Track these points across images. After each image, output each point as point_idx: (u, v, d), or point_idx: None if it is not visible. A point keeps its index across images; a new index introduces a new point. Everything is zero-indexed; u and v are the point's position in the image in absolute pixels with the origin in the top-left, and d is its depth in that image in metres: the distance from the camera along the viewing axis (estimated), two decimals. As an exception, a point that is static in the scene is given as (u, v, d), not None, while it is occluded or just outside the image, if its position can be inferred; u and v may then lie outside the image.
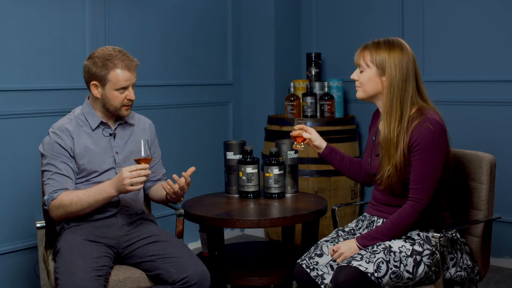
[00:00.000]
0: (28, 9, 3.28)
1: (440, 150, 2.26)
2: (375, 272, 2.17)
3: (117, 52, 2.53)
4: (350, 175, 2.64)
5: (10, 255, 3.25)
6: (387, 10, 4.25)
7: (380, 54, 2.31)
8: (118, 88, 2.51)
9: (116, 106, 2.54)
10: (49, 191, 2.47)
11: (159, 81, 4.00)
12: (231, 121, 4.55)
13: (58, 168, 2.49)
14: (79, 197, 2.43)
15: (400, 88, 2.29)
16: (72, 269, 2.29)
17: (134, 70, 2.55)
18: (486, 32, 3.83)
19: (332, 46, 4.53)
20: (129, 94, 2.54)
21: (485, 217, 2.44)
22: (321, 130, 3.97)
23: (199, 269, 2.39)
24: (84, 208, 2.44)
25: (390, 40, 2.35)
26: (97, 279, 2.29)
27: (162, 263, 2.41)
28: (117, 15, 3.72)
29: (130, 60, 2.53)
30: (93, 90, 2.54)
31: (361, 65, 2.37)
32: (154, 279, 2.45)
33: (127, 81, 2.52)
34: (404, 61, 2.30)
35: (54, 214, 2.48)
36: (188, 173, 2.55)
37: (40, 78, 3.37)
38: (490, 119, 3.82)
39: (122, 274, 2.43)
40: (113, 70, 2.49)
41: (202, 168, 4.30)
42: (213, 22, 4.36)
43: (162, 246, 2.48)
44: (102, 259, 2.39)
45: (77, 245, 2.41)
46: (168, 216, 3.93)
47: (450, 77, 3.97)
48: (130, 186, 2.35)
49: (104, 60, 2.49)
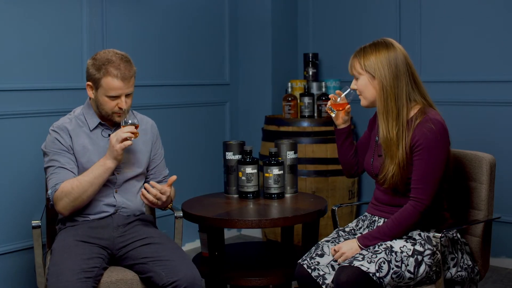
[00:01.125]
0: (25, 9, 3.26)
1: (442, 150, 2.27)
2: (376, 272, 2.18)
3: (117, 58, 2.48)
4: (348, 162, 2.61)
5: (9, 256, 3.24)
6: (384, 10, 4.25)
7: (367, 60, 2.33)
8: (108, 96, 2.48)
9: (107, 111, 2.52)
10: (52, 185, 2.47)
11: (156, 81, 3.99)
12: (228, 121, 4.54)
13: (61, 163, 2.49)
14: (79, 179, 2.44)
15: (392, 86, 2.30)
16: (60, 270, 2.27)
17: (129, 80, 2.49)
18: (485, 32, 3.84)
19: (329, 46, 4.54)
20: (120, 103, 2.49)
21: (485, 217, 2.45)
22: (319, 130, 3.98)
23: (190, 273, 2.35)
24: (86, 188, 2.43)
25: (375, 43, 2.37)
26: (85, 280, 2.26)
27: (153, 265, 2.38)
28: (115, 15, 3.71)
29: (127, 70, 2.48)
30: (88, 90, 2.54)
31: (355, 74, 2.40)
32: (146, 282, 2.41)
33: (118, 90, 2.47)
34: (392, 58, 2.31)
35: (59, 207, 2.46)
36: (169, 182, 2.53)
37: (38, 78, 3.35)
38: (489, 120, 3.83)
39: (115, 276, 2.40)
40: (106, 77, 2.46)
41: (199, 168, 4.30)
42: (210, 22, 4.36)
43: (155, 249, 2.45)
44: (94, 260, 2.36)
45: (68, 246, 2.39)
46: (168, 216, 3.91)
47: (449, 77, 3.97)
48: (118, 144, 2.40)
49: (101, 64, 2.46)
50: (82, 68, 3.48)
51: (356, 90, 2.42)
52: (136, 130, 2.46)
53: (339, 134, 2.59)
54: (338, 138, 2.60)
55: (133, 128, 2.45)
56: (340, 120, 2.57)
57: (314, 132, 3.97)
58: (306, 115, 4.13)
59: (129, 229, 2.56)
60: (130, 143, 2.44)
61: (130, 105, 2.55)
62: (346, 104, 2.51)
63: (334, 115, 2.55)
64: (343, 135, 2.59)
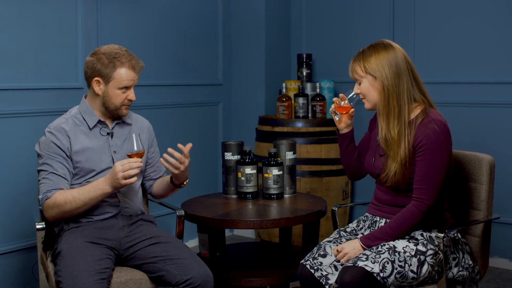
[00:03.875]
0: (19, 8, 3.23)
1: (445, 151, 2.29)
2: (380, 272, 2.19)
3: (123, 51, 2.54)
4: (352, 166, 2.60)
5: (6, 256, 3.20)
6: (377, 11, 4.27)
7: (367, 62, 2.35)
8: (121, 87, 2.52)
9: (116, 104, 2.54)
10: (44, 191, 2.45)
11: (149, 81, 3.96)
12: (221, 122, 4.54)
13: (54, 168, 2.47)
14: (74, 195, 2.41)
15: (394, 85, 2.32)
16: (75, 272, 2.26)
17: (139, 71, 2.56)
18: (485, 33, 3.85)
19: (322, 47, 4.55)
20: (130, 94, 2.56)
21: (484, 217, 2.48)
22: (313, 131, 3.99)
23: (202, 270, 2.38)
24: (79, 206, 2.42)
25: (373, 45, 2.39)
26: (101, 282, 2.26)
27: (164, 264, 2.39)
28: (109, 15, 3.69)
29: (136, 61, 2.55)
30: (95, 86, 2.53)
31: (356, 78, 2.40)
32: (156, 281, 2.42)
33: (131, 80, 2.53)
34: (392, 57, 2.33)
35: (48, 214, 2.45)
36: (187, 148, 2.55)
37: (32, 78, 3.31)
38: (489, 121, 3.85)
39: (124, 276, 2.40)
40: (120, 68, 2.50)
41: (192, 168, 4.26)
42: (204, 23, 4.35)
43: (164, 248, 2.46)
44: (104, 261, 2.36)
45: (78, 247, 2.38)
46: (164, 216, 3.90)
47: (448, 78, 3.98)
48: (124, 180, 2.35)
49: (111, 57, 2.49)
50: (77, 67, 3.46)
51: (359, 95, 2.43)
52: (141, 164, 2.39)
53: (342, 139, 2.58)
54: (342, 143, 2.59)
55: (140, 162, 2.38)
56: (343, 125, 2.55)
57: (308, 133, 3.98)
58: (300, 115, 4.13)
59: (134, 229, 2.56)
60: (135, 180, 2.39)
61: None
62: (350, 108, 2.50)
63: (338, 119, 2.54)
64: (347, 140, 2.58)
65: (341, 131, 2.57)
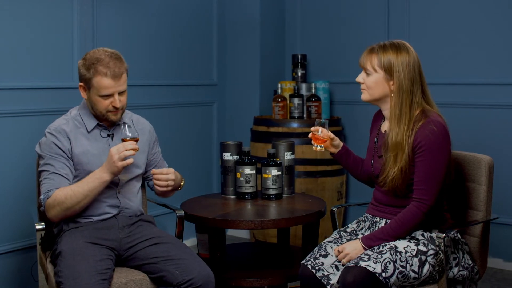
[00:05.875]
0: (15, 8, 3.21)
1: (444, 151, 2.30)
2: (382, 272, 2.20)
3: (107, 56, 2.44)
4: (359, 175, 2.63)
5: (4, 256, 3.19)
6: (372, 11, 4.28)
7: (387, 58, 2.33)
8: (101, 95, 2.45)
9: (101, 111, 2.49)
10: (45, 190, 2.43)
11: (143, 81, 3.96)
12: (216, 122, 4.53)
13: (56, 168, 2.45)
14: (73, 189, 2.40)
15: (409, 91, 2.32)
16: (76, 273, 2.25)
17: (120, 77, 2.45)
18: (485, 34, 3.87)
19: (317, 47, 4.56)
20: (114, 101, 2.46)
21: (483, 218, 2.49)
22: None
23: (204, 271, 2.38)
24: (79, 200, 2.40)
25: (396, 43, 2.37)
26: (102, 282, 2.25)
27: (165, 265, 2.39)
28: (105, 15, 3.68)
29: (117, 67, 2.44)
30: (81, 91, 2.51)
31: (367, 69, 2.37)
32: (157, 282, 2.41)
33: (109, 89, 2.44)
34: (411, 64, 2.33)
35: (51, 214, 2.42)
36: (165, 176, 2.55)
37: (28, 77, 3.30)
38: (488, 122, 3.87)
39: (124, 277, 2.39)
40: (96, 76, 2.42)
41: (187, 168, 4.27)
42: (198, 23, 4.34)
43: (165, 248, 2.45)
44: (105, 261, 2.35)
45: (79, 248, 2.37)
46: (162, 215, 3.88)
47: (448, 79, 3.99)
48: (120, 162, 2.35)
49: (90, 63, 2.43)
50: (73, 67, 3.45)
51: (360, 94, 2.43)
52: (136, 146, 2.40)
53: (339, 158, 2.61)
54: (341, 162, 2.62)
55: (135, 144, 2.39)
56: (332, 148, 2.58)
57: (304, 133, 3.98)
58: (295, 116, 4.14)
59: (134, 229, 2.55)
60: (132, 161, 2.40)
61: (125, 103, 2.52)
62: (328, 136, 2.51)
63: (324, 149, 2.54)
64: (343, 157, 2.60)
65: (334, 153, 2.60)
